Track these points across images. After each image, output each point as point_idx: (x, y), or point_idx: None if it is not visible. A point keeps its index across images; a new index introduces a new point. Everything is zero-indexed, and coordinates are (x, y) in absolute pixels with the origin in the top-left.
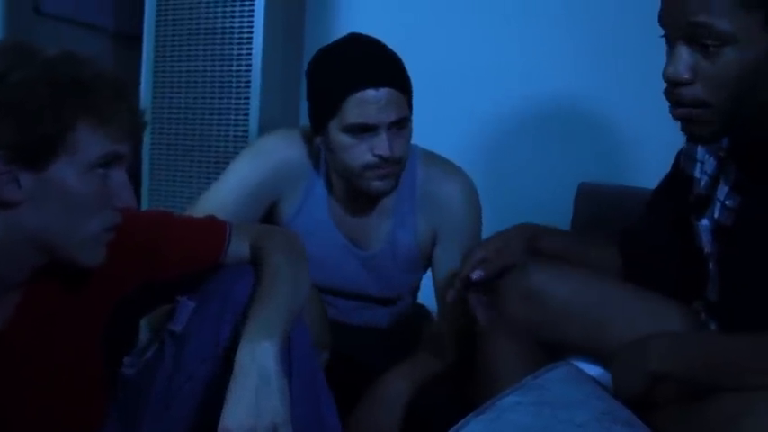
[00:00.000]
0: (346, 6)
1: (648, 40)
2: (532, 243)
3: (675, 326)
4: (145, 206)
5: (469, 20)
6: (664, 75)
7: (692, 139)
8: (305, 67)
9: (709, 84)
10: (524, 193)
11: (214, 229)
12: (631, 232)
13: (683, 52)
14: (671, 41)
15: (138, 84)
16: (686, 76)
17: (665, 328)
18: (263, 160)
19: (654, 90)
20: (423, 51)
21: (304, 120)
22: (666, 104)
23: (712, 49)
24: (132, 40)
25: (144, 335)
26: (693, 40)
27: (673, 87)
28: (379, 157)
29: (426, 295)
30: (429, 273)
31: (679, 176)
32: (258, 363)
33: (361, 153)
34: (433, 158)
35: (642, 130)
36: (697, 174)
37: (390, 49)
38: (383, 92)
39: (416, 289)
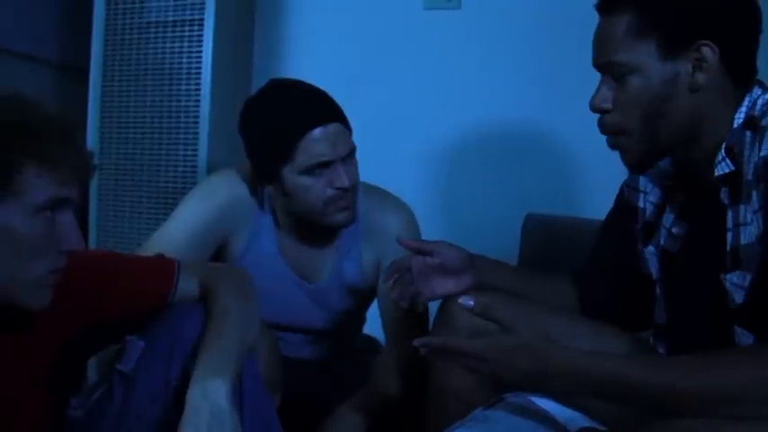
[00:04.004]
0: (296, 39)
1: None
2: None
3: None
4: (92, 243)
5: (417, 53)
6: (590, 105)
7: (629, 166)
8: None
9: (623, 110)
10: (472, 224)
11: (162, 267)
12: (585, 269)
13: (603, 85)
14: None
15: (84, 118)
16: (605, 105)
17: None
18: (212, 199)
19: None
20: (371, 85)
21: None
22: None
23: (621, 78)
24: (77, 73)
25: (92, 375)
26: (608, 74)
27: (600, 116)
28: (339, 188)
29: (373, 327)
30: (375, 304)
31: (623, 208)
32: (210, 400)
33: (322, 189)
34: (372, 190)
35: (590, 161)
36: (641, 204)
37: (316, 87)
38: (331, 127)
39: (363, 321)
